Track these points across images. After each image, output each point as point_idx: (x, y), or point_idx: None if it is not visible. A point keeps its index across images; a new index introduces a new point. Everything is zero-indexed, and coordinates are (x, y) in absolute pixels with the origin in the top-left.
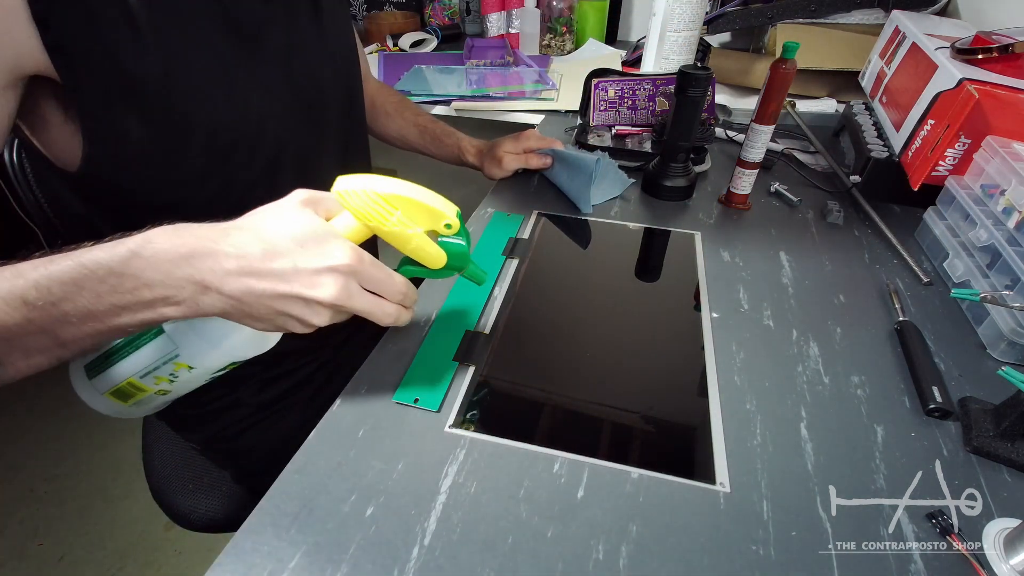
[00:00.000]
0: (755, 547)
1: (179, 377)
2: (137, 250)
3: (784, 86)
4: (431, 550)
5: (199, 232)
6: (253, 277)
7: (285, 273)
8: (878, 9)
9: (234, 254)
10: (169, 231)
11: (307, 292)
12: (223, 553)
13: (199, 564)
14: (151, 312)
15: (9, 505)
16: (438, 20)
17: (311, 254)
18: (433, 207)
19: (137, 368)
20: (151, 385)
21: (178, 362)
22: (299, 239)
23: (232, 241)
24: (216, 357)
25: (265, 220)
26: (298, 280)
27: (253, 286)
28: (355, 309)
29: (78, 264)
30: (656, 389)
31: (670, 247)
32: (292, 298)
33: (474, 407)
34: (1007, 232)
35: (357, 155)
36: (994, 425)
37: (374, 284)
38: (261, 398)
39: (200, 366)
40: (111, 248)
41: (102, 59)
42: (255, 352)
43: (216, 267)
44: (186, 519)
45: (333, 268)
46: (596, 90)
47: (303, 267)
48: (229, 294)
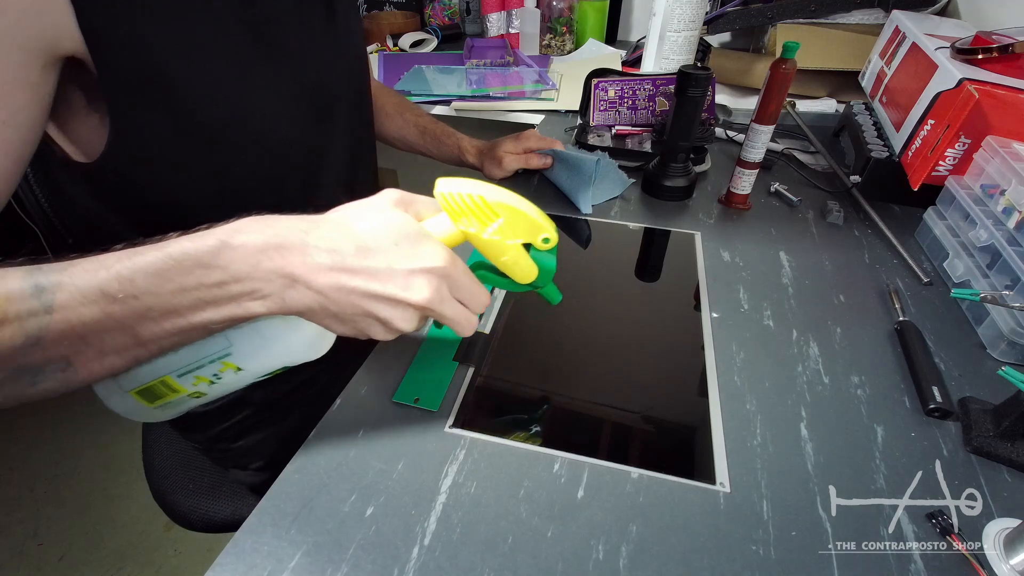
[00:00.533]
0: (755, 547)
1: (222, 379)
2: (226, 240)
3: (784, 86)
4: (431, 550)
5: (288, 223)
6: (345, 273)
7: (379, 272)
8: (878, 9)
9: (326, 248)
10: (257, 221)
11: (400, 293)
12: (223, 553)
13: (199, 564)
14: (236, 307)
15: (9, 505)
16: (438, 20)
17: (406, 254)
18: (535, 219)
19: (178, 365)
20: (187, 385)
21: (227, 362)
22: (394, 238)
23: (324, 234)
24: (269, 359)
25: (358, 216)
26: (392, 280)
27: (345, 282)
28: (443, 315)
29: (164, 255)
30: (656, 389)
31: (670, 247)
32: (383, 298)
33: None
34: (1007, 232)
35: (365, 156)
36: (994, 425)
37: (463, 292)
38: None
39: (249, 368)
40: (198, 238)
41: (131, 47)
42: (307, 358)
43: (307, 260)
44: (186, 519)
45: (428, 270)
46: (596, 90)
47: (397, 267)
48: (319, 289)
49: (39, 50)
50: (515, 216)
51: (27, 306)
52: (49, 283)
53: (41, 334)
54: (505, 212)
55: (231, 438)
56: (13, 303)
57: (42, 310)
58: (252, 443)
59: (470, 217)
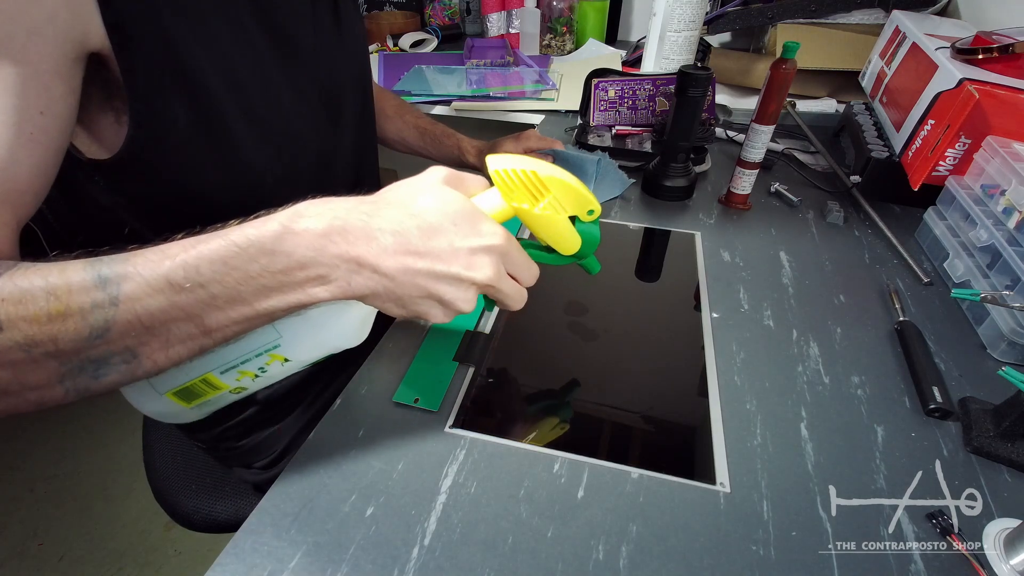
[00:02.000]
0: (755, 547)
1: (267, 372)
2: (289, 225)
3: (784, 86)
4: (431, 550)
5: (348, 206)
6: (412, 256)
7: (443, 252)
8: (878, 9)
9: (390, 230)
10: (317, 204)
11: (465, 272)
12: (223, 553)
13: (199, 564)
14: (301, 293)
15: (9, 505)
16: (438, 20)
17: (466, 233)
18: (583, 193)
19: (223, 360)
20: (230, 382)
21: (275, 354)
22: (452, 217)
23: (387, 216)
24: (316, 348)
25: (414, 196)
26: (456, 260)
27: (411, 264)
28: (500, 291)
29: (228, 242)
30: (656, 389)
31: (670, 247)
32: (448, 278)
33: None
34: (1007, 232)
35: (368, 155)
36: (994, 425)
37: (517, 268)
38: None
39: (296, 358)
40: (260, 224)
41: (156, 42)
42: (350, 344)
43: (373, 244)
44: (189, 520)
45: (489, 248)
46: (596, 90)
47: (460, 246)
48: (386, 272)
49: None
50: (564, 190)
51: (92, 298)
52: (113, 274)
53: (107, 326)
54: (555, 187)
55: (235, 437)
56: (76, 295)
57: (108, 302)
58: (256, 441)
59: (523, 192)
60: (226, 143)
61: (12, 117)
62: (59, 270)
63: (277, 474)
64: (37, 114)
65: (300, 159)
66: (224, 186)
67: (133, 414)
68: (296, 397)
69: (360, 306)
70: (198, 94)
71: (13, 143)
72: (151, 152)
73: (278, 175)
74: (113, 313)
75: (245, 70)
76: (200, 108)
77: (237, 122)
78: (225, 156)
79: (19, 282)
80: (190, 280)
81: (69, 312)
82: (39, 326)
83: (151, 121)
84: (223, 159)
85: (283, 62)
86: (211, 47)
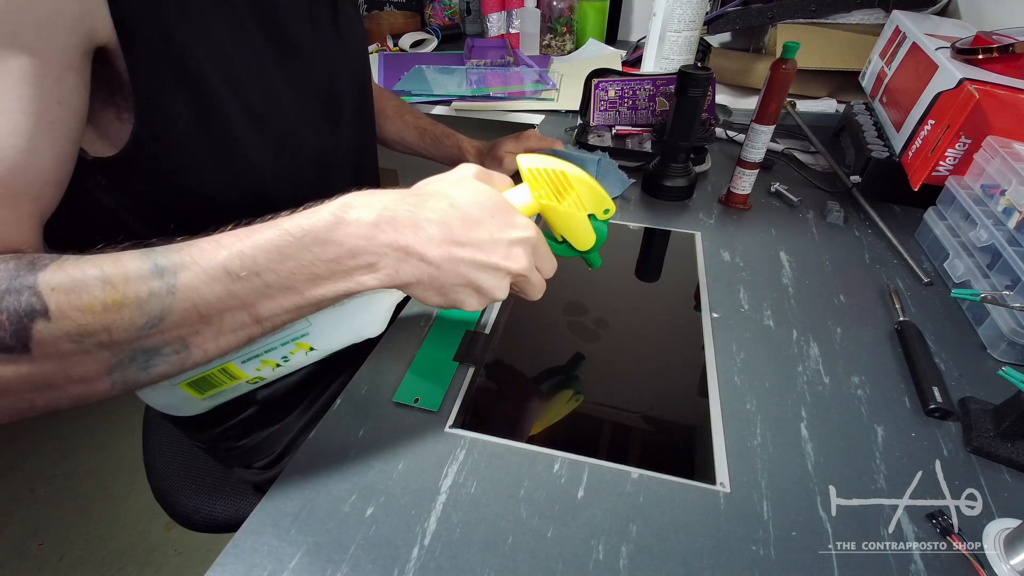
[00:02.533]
0: (755, 547)
1: (289, 361)
2: (341, 215)
3: (784, 86)
4: (431, 550)
5: (394, 198)
6: (456, 245)
7: (484, 243)
8: (878, 9)
9: (436, 220)
10: (364, 196)
11: (503, 263)
12: (223, 553)
13: (199, 564)
14: (350, 281)
15: (9, 505)
16: (438, 20)
17: (502, 225)
18: (602, 193)
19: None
20: (250, 372)
21: (301, 342)
22: (490, 210)
23: (432, 208)
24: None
25: (453, 189)
26: (495, 250)
27: (455, 253)
28: (529, 281)
29: (282, 231)
30: (656, 389)
31: (670, 247)
32: (488, 267)
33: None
34: (1007, 232)
35: (368, 155)
36: (994, 425)
37: (543, 260)
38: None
39: (321, 347)
40: (311, 215)
41: (161, 40)
42: (373, 334)
43: (420, 234)
44: (189, 520)
45: (523, 240)
46: (596, 90)
47: (499, 238)
48: (431, 261)
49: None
50: (588, 189)
51: (148, 287)
52: (170, 263)
53: (163, 315)
54: (580, 186)
55: (235, 436)
56: (133, 284)
57: (165, 291)
58: (256, 441)
59: (551, 190)
60: (227, 142)
61: (31, 106)
62: (113, 260)
63: (277, 474)
64: (55, 104)
65: (300, 158)
66: (225, 185)
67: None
68: (296, 397)
69: (390, 296)
70: (200, 92)
71: (33, 132)
72: (154, 150)
73: (278, 174)
74: (170, 302)
75: (245, 69)
76: (201, 106)
77: (238, 121)
78: (226, 155)
79: (71, 271)
80: (246, 269)
81: (125, 301)
82: (93, 315)
83: (154, 118)
84: (224, 158)
85: (282, 61)
86: (211, 46)
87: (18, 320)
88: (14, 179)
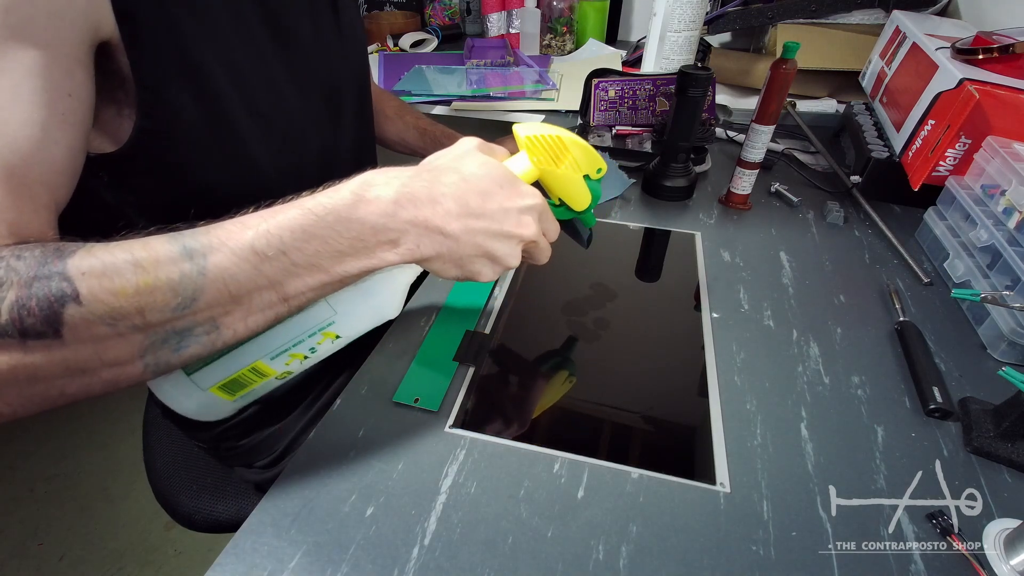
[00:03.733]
0: (755, 547)
1: (317, 352)
2: (361, 193)
3: (784, 86)
4: (431, 550)
5: (411, 174)
6: (472, 217)
7: (496, 213)
8: (878, 9)
9: (451, 194)
10: (381, 174)
11: (516, 230)
12: (223, 553)
13: (199, 564)
14: (373, 257)
15: (9, 505)
16: (438, 20)
17: (511, 195)
18: (595, 152)
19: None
20: (279, 367)
21: (328, 331)
22: (498, 182)
23: (446, 183)
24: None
25: (462, 163)
26: (507, 220)
27: (472, 225)
28: (538, 246)
29: (306, 211)
30: (656, 389)
31: (670, 247)
32: (503, 236)
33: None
34: (1007, 232)
35: (367, 154)
36: (994, 425)
37: (548, 224)
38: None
39: (346, 334)
40: (332, 193)
41: (165, 33)
42: (394, 313)
43: (439, 208)
44: (190, 520)
45: (531, 207)
46: (596, 90)
47: (510, 207)
48: (451, 234)
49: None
50: (582, 151)
51: (180, 269)
52: (199, 245)
53: (195, 296)
54: (575, 148)
55: (236, 436)
56: (164, 267)
57: (196, 272)
58: (257, 441)
59: (548, 155)
60: (231, 137)
61: (43, 98)
62: (142, 244)
63: (279, 473)
64: (66, 96)
65: (303, 155)
66: (228, 181)
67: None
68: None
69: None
70: (204, 86)
71: (47, 122)
72: (158, 145)
73: (282, 170)
74: (202, 283)
75: (248, 64)
76: (205, 101)
77: (241, 116)
78: (230, 150)
79: (101, 256)
80: (273, 248)
81: (157, 284)
82: (126, 299)
83: (159, 113)
84: (228, 153)
85: (284, 57)
86: (215, 40)
87: (48, 306)
88: (30, 170)
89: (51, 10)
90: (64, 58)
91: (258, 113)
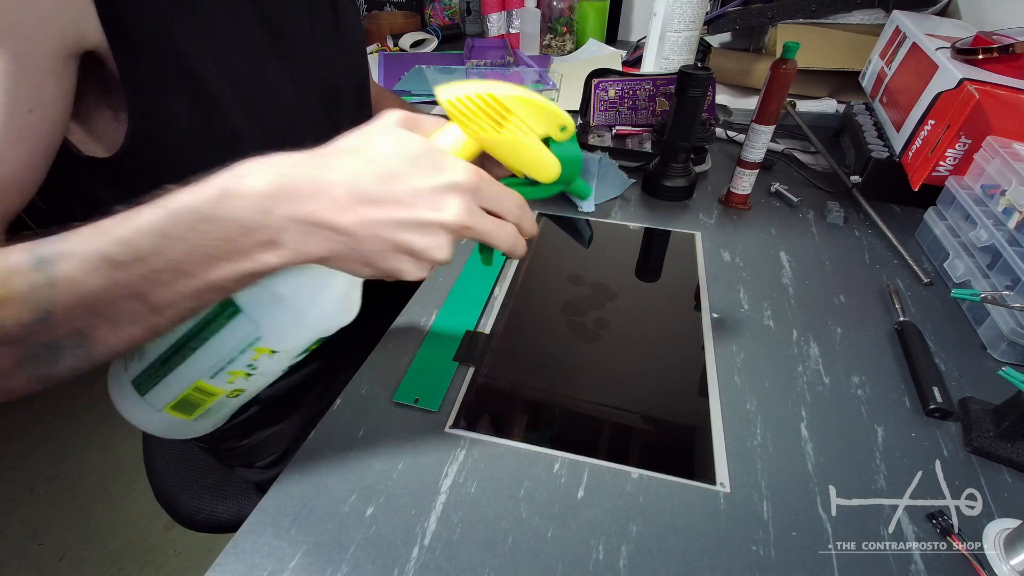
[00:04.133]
0: (755, 547)
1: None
2: (228, 187)
3: (784, 86)
4: (431, 550)
5: (295, 160)
6: (369, 205)
7: (404, 197)
8: (878, 9)
9: (342, 181)
10: (260, 163)
11: (431, 215)
12: (223, 553)
13: (199, 564)
14: (250, 262)
15: (9, 505)
16: (438, 20)
17: (428, 172)
18: (549, 107)
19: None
20: (223, 386)
21: (259, 347)
22: (411, 158)
23: (338, 167)
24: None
25: (368, 141)
26: (420, 203)
27: (369, 215)
28: (478, 231)
29: (163, 212)
30: (656, 389)
31: (670, 247)
32: (415, 225)
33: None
34: (1007, 232)
35: None
36: (994, 425)
37: (494, 202)
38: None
39: (283, 347)
40: (198, 190)
41: (156, 38)
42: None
43: (324, 200)
44: (191, 520)
45: (454, 184)
46: (596, 90)
47: (423, 187)
48: (343, 229)
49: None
50: (529, 108)
51: (30, 280)
52: (51, 254)
53: (49, 308)
54: (517, 106)
55: (236, 437)
56: (15, 279)
57: (45, 283)
58: (258, 441)
59: (483, 120)
60: (227, 139)
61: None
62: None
63: (279, 473)
64: (26, 112)
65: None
66: None
67: None
68: (297, 397)
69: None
70: (199, 89)
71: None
72: (153, 149)
73: None
74: (51, 295)
75: (245, 66)
76: (201, 104)
77: (238, 118)
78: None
79: None
80: (127, 255)
81: (10, 297)
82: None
83: (152, 117)
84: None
85: (282, 58)
86: (211, 42)
87: None
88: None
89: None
90: (35, 71)
91: (255, 114)
